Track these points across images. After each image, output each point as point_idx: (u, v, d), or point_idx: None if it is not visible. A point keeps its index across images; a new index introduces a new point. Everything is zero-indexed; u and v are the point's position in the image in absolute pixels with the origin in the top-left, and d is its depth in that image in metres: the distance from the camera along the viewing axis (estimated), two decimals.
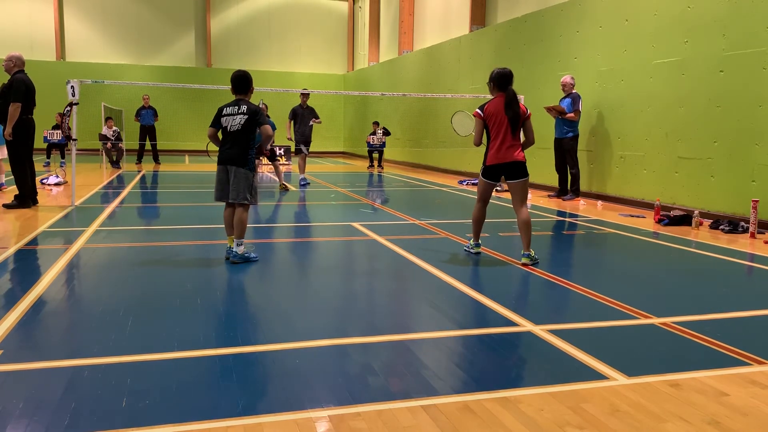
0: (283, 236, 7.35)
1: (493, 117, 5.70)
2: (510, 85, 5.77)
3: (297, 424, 2.55)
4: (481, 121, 5.78)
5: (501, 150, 5.68)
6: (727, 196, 8.39)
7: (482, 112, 5.76)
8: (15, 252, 5.81)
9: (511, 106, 5.66)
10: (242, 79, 5.67)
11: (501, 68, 5.85)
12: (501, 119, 5.67)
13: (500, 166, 5.72)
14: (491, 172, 5.79)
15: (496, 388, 2.92)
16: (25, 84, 8.56)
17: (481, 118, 5.77)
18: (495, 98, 5.79)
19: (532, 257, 5.60)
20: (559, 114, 10.68)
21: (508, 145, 5.67)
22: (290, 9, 25.36)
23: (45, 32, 22.88)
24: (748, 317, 4.19)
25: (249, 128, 5.53)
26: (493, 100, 5.79)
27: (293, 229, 7.78)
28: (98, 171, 15.27)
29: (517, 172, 5.70)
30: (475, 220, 5.99)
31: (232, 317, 3.99)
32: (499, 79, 5.78)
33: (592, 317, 4.11)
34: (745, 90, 8.09)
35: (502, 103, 5.70)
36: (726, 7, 8.36)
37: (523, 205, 5.72)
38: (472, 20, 15.63)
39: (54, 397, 2.74)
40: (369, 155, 18.68)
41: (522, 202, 5.73)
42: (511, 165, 5.68)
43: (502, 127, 5.67)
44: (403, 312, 4.40)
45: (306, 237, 7.34)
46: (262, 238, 6.96)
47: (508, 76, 5.77)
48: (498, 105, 5.71)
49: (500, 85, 5.78)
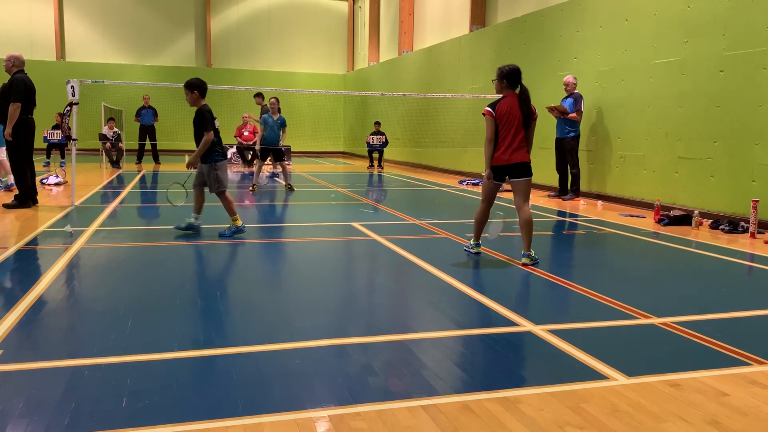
0: (284, 236, 7.34)
1: (505, 117, 5.57)
2: (521, 81, 5.66)
3: (297, 424, 2.55)
4: (492, 119, 5.61)
5: (509, 151, 5.58)
6: (727, 196, 8.39)
7: (494, 111, 5.61)
8: (15, 252, 5.81)
9: (526, 104, 5.55)
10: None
11: (510, 65, 5.69)
12: (512, 119, 5.55)
13: (505, 167, 5.64)
14: (498, 173, 5.70)
15: (496, 388, 2.92)
16: (24, 84, 8.55)
17: (493, 116, 5.60)
18: (506, 97, 5.63)
19: (532, 257, 5.56)
20: (561, 114, 10.68)
21: (516, 146, 5.57)
22: (290, 9, 25.36)
23: (45, 32, 22.87)
24: (748, 317, 4.18)
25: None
26: (504, 99, 5.63)
27: (293, 229, 7.77)
28: (98, 171, 15.27)
29: (522, 172, 5.65)
30: (478, 220, 5.94)
31: (232, 317, 3.99)
32: (511, 75, 5.62)
33: (592, 317, 4.11)
34: (745, 90, 8.09)
35: (515, 101, 5.57)
36: (726, 7, 8.36)
37: (525, 203, 5.66)
38: (472, 20, 15.62)
39: (54, 397, 2.74)
40: (369, 155, 18.69)
41: (525, 201, 5.67)
42: (516, 166, 5.62)
43: (512, 127, 5.56)
44: (403, 312, 4.40)
45: (306, 237, 7.33)
46: (262, 238, 6.97)
47: (518, 72, 5.64)
48: (511, 104, 5.57)
49: (512, 83, 5.64)
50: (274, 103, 11.47)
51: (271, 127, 11.39)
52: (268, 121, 11.39)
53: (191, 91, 6.68)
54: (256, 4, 25.00)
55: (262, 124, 11.45)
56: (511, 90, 5.65)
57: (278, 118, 11.45)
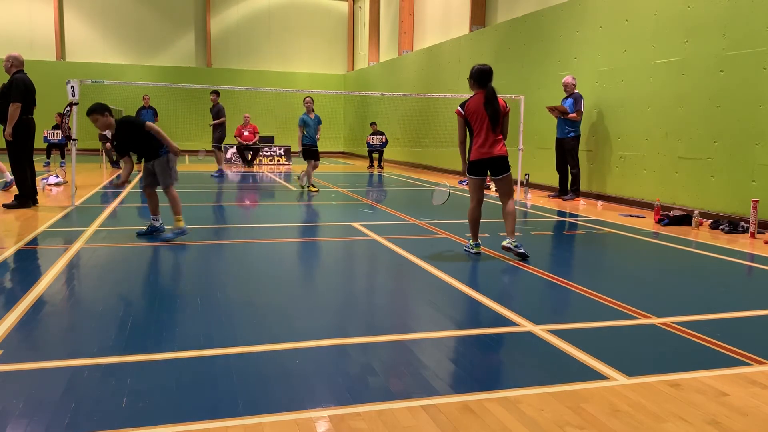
0: (284, 236, 7.34)
1: (474, 114, 5.83)
2: (489, 81, 5.85)
3: (297, 424, 2.55)
4: (462, 119, 5.92)
5: (485, 146, 5.83)
6: (727, 196, 8.39)
7: (463, 109, 5.89)
8: (15, 252, 5.81)
9: (491, 103, 5.76)
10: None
11: (480, 65, 5.91)
12: (482, 116, 5.79)
13: (484, 161, 5.86)
14: (476, 168, 5.93)
15: (496, 388, 2.92)
16: (24, 84, 8.56)
17: (462, 116, 5.91)
18: (475, 95, 5.88)
19: (512, 243, 5.78)
20: (562, 114, 10.68)
21: (491, 141, 5.82)
22: (290, 9, 25.36)
23: (45, 32, 22.87)
24: (748, 317, 4.18)
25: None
26: (473, 98, 5.89)
27: (293, 229, 7.77)
28: (98, 171, 15.27)
29: (501, 168, 5.88)
30: (472, 219, 6.08)
31: (232, 317, 3.99)
32: (478, 75, 5.85)
33: (592, 317, 4.11)
34: (745, 90, 8.09)
35: (482, 99, 5.80)
36: (726, 7, 8.36)
37: (509, 198, 5.94)
38: (472, 20, 15.62)
39: (54, 397, 2.73)
40: (369, 155, 18.69)
41: (508, 196, 5.94)
42: (495, 160, 5.84)
43: (484, 123, 5.80)
44: (403, 312, 4.40)
45: (306, 237, 7.34)
46: (262, 238, 6.97)
47: (487, 72, 5.85)
48: (478, 102, 5.82)
49: (480, 82, 5.86)
50: (309, 102, 11.53)
51: (311, 127, 11.51)
52: (306, 121, 11.46)
53: (102, 115, 6.67)
54: (256, 4, 25.00)
55: (301, 124, 11.48)
56: (481, 89, 5.87)
57: (315, 116, 11.61)
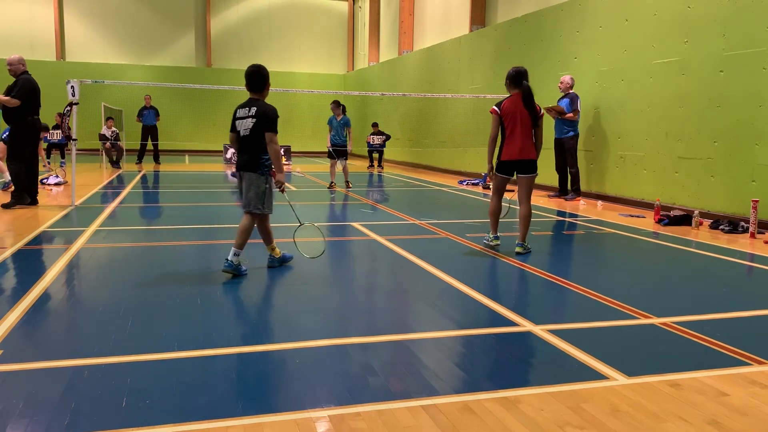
0: (283, 236, 7.34)
1: (510, 114, 5.96)
2: (525, 80, 6.00)
3: (297, 424, 2.55)
4: (497, 117, 6.03)
5: (516, 147, 5.97)
6: (727, 196, 8.39)
7: (499, 109, 6.02)
8: (15, 252, 5.81)
9: (528, 100, 5.91)
10: (256, 74, 5.05)
11: (515, 67, 6.09)
12: (517, 116, 5.93)
13: (514, 162, 6.01)
14: (505, 167, 6.08)
15: (496, 388, 2.92)
16: (31, 84, 8.63)
17: (498, 114, 6.02)
18: (511, 96, 6.04)
19: (525, 247, 6.01)
20: (559, 114, 10.68)
21: (522, 142, 5.96)
22: (290, 9, 25.36)
23: (45, 32, 22.88)
24: (748, 317, 4.18)
25: (259, 132, 4.99)
26: (509, 98, 6.04)
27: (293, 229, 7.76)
28: (98, 171, 15.26)
29: (528, 168, 6.03)
30: (492, 212, 6.27)
31: (232, 317, 4.00)
32: (514, 76, 6.02)
33: (592, 317, 4.11)
34: (745, 90, 8.09)
35: (518, 99, 5.95)
36: (726, 7, 8.36)
37: (527, 198, 6.06)
38: (472, 20, 15.62)
39: (54, 397, 2.74)
40: (369, 155, 18.70)
41: (527, 196, 6.07)
42: (524, 162, 6.00)
43: (518, 124, 5.94)
44: (403, 312, 4.40)
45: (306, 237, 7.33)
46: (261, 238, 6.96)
47: (522, 73, 6.04)
48: (515, 102, 5.96)
49: (515, 82, 6.02)
50: (332, 106, 12.13)
51: (336, 128, 12.15)
52: (333, 122, 12.16)
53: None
54: (256, 4, 25.01)
55: (328, 125, 12.26)
56: (516, 88, 6.04)
57: (341, 118, 12.11)
